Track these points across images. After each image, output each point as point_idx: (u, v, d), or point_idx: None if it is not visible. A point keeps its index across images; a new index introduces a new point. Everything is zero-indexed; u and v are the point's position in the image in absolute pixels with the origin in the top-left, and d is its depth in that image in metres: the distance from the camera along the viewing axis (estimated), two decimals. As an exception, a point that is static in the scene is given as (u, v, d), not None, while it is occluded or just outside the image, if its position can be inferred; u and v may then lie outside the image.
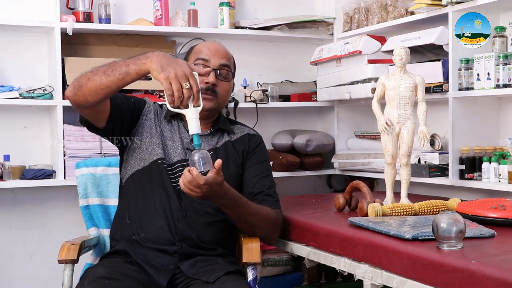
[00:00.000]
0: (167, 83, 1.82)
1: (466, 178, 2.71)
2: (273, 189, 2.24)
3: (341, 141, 3.57)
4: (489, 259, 1.58)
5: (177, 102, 1.83)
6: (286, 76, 3.72)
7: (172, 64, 1.85)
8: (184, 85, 1.82)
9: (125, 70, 1.88)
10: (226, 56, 2.24)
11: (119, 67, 1.89)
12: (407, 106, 2.26)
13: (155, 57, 1.86)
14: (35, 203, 3.19)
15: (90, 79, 1.90)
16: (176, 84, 1.82)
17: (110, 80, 1.88)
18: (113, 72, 1.88)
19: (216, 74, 2.18)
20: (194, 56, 2.23)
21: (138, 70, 1.87)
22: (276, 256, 3.40)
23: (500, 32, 2.68)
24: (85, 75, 1.93)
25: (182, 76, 1.83)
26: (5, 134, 3.10)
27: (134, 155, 2.16)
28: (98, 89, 1.90)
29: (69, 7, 3.14)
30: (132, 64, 1.88)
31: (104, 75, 1.89)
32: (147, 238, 2.06)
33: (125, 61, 1.89)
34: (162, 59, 1.86)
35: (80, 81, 1.93)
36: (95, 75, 1.90)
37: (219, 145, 2.22)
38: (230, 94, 2.29)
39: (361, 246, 1.92)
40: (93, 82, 1.89)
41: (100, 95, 1.91)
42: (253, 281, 2.04)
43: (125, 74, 1.88)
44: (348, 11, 3.48)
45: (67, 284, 2.05)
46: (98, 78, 1.89)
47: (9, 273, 3.15)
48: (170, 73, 1.82)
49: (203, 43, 2.29)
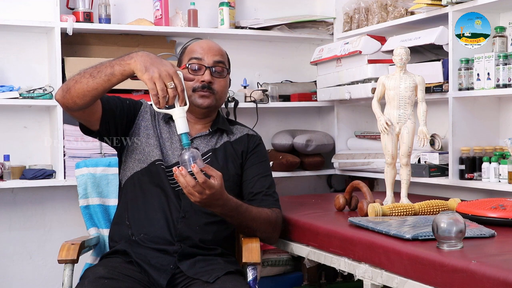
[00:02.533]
0: (151, 83, 1.82)
1: (466, 178, 2.71)
2: (272, 189, 2.24)
3: (341, 141, 3.57)
4: (489, 259, 1.58)
5: (162, 102, 1.83)
6: (286, 76, 3.72)
7: (156, 64, 1.84)
8: (168, 84, 1.82)
9: (110, 71, 1.87)
10: (220, 52, 2.24)
11: (104, 68, 1.88)
12: (407, 106, 2.26)
13: (139, 57, 1.86)
14: (35, 203, 3.19)
15: (77, 81, 1.90)
16: (160, 84, 1.81)
17: (97, 82, 1.88)
18: (99, 74, 1.88)
19: (211, 71, 2.18)
20: (188, 56, 2.22)
21: (123, 71, 1.87)
22: (276, 256, 3.39)
23: (500, 32, 2.68)
24: (73, 78, 1.93)
25: (166, 76, 1.82)
26: (5, 134, 3.10)
27: (132, 157, 2.16)
28: (85, 92, 1.89)
29: (69, 7, 3.14)
30: (116, 65, 1.87)
31: (91, 77, 1.88)
32: (147, 238, 2.06)
33: (110, 62, 1.89)
34: (146, 59, 1.85)
35: (68, 84, 1.93)
36: (82, 78, 1.89)
37: (218, 145, 2.22)
38: (227, 91, 2.29)
39: (361, 246, 1.92)
40: (80, 85, 1.89)
41: (87, 97, 1.91)
42: (253, 281, 2.04)
43: (110, 75, 1.88)
44: (348, 11, 3.48)
45: (67, 284, 2.05)
46: (85, 81, 1.89)
47: (9, 273, 3.15)
48: (154, 73, 1.82)
49: (195, 42, 2.29)
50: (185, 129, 1.84)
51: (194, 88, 2.17)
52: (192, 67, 2.19)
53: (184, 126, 1.84)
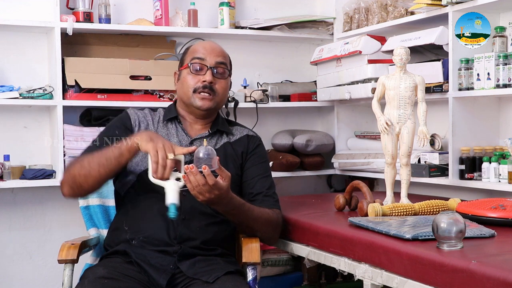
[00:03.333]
0: (154, 150, 1.90)
1: (466, 178, 2.71)
2: (272, 189, 2.25)
3: (341, 141, 3.57)
4: (489, 259, 1.58)
5: (160, 171, 1.89)
6: (286, 76, 3.72)
7: (160, 138, 1.97)
8: (169, 155, 1.90)
9: (118, 152, 1.97)
10: (222, 54, 2.25)
11: (111, 153, 1.98)
12: (407, 106, 2.26)
13: (144, 133, 2.00)
14: (35, 203, 3.19)
15: (87, 176, 1.99)
16: (162, 153, 1.90)
17: (109, 168, 1.99)
18: (108, 161, 1.97)
19: (212, 72, 2.19)
20: (190, 56, 2.23)
21: (130, 147, 1.96)
22: (276, 256, 3.39)
23: (500, 32, 2.68)
24: (78, 173, 2.00)
25: (168, 148, 1.92)
26: (5, 134, 3.10)
27: (129, 163, 2.16)
28: (100, 181, 2.02)
29: (69, 7, 3.14)
30: (122, 145, 1.97)
31: (101, 167, 1.98)
32: (146, 241, 2.06)
33: (114, 146, 1.99)
34: (151, 134, 1.99)
35: (77, 181, 2.01)
36: (91, 171, 1.98)
37: (218, 146, 2.22)
38: (227, 92, 2.29)
39: (361, 246, 1.92)
40: (92, 178, 1.99)
41: (102, 183, 2.04)
42: (253, 281, 2.04)
43: (119, 156, 1.97)
44: (348, 11, 3.48)
45: (67, 284, 2.05)
46: (95, 173, 1.99)
47: (9, 273, 3.15)
48: (158, 143, 1.92)
49: (198, 43, 2.30)
50: (175, 201, 1.87)
51: (195, 88, 2.18)
52: (194, 66, 2.19)
53: (174, 198, 1.88)
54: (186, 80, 2.20)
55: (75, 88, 3.02)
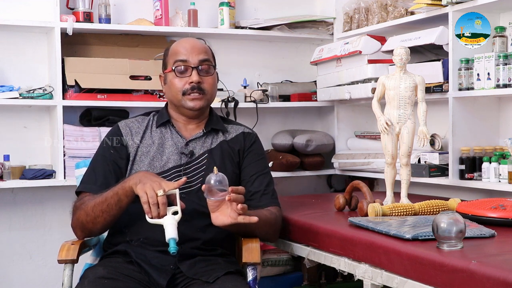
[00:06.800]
0: (142, 192, 1.89)
1: (466, 178, 2.71)
2: (271, 186, 2.24)
3: (341, 141, 3.57)
4: (489, 259, 1.58)
5: (154, 210, 1.88)
6: (286, 76, 3.72)
7: (149, 177, 1.95)
8: (158, 192, 1.88)
9: (117, 199, 1.99)
10: (204, 50, 2.22)
11: (111, 199, 2.00)
12: (407, 106, 2.26)
13: (136, 174, 1.99)
14: (35, 203, 3.19)
15: (94, 222, 2.04)
16: (150, 192, 1.88)
17: (112, 214, 2.01)
18: (109, 207, 2.00)
19: (198, 71, 2.17)
20: (172, 58, 2.20)
21: (125, 191, 1.98)
22: (276, 256, 3.39)
23: (500, 32, 2.68)
24: (86, 221, 2.05)
25: (157, 185, 1.90)
26: (5, 134, 3.10)
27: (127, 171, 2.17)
28: (109, 222, 2.05)
29: (69, 7, 3.14)
30: (119, 190, 1.98)
31: (105, 213, 2.01)
32: (147, 242, 2.05)
33: (113, 192, 1.99)
34: (142, 174, 1.98)
35: (86, 227, 2.07)
36: (97, 218, 2.02)
37: (214, 145, 2.21)
38: (216, 87, 2.27)
39: (361, 246, 1.92)
40: (100, 223, 2.04)
41: (112, 223, 2.06)
42: (253, 281, 2.04)
43: (118, 202, 1.99)
44: (348, 11, 3.48)
45: (67, 284, 2.05)
46: (101, 219, 2.02)
47: (9, 273, 3.15)
48: (145, 184, 1.91)
49: (177, 43, 2.26)
50: (174, 235, 1.87)
51: (183, 91, 2.16)
52: (178, 69, 2.17)
53: (173, 232, 1.87)
54: (173, 83, 2.18)
55: (75, 88, 3.02)
